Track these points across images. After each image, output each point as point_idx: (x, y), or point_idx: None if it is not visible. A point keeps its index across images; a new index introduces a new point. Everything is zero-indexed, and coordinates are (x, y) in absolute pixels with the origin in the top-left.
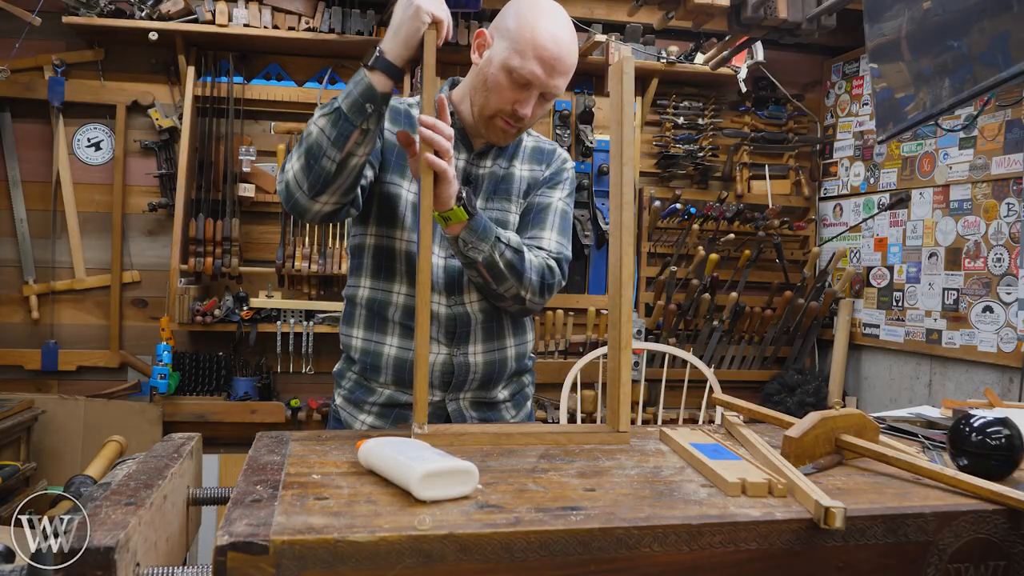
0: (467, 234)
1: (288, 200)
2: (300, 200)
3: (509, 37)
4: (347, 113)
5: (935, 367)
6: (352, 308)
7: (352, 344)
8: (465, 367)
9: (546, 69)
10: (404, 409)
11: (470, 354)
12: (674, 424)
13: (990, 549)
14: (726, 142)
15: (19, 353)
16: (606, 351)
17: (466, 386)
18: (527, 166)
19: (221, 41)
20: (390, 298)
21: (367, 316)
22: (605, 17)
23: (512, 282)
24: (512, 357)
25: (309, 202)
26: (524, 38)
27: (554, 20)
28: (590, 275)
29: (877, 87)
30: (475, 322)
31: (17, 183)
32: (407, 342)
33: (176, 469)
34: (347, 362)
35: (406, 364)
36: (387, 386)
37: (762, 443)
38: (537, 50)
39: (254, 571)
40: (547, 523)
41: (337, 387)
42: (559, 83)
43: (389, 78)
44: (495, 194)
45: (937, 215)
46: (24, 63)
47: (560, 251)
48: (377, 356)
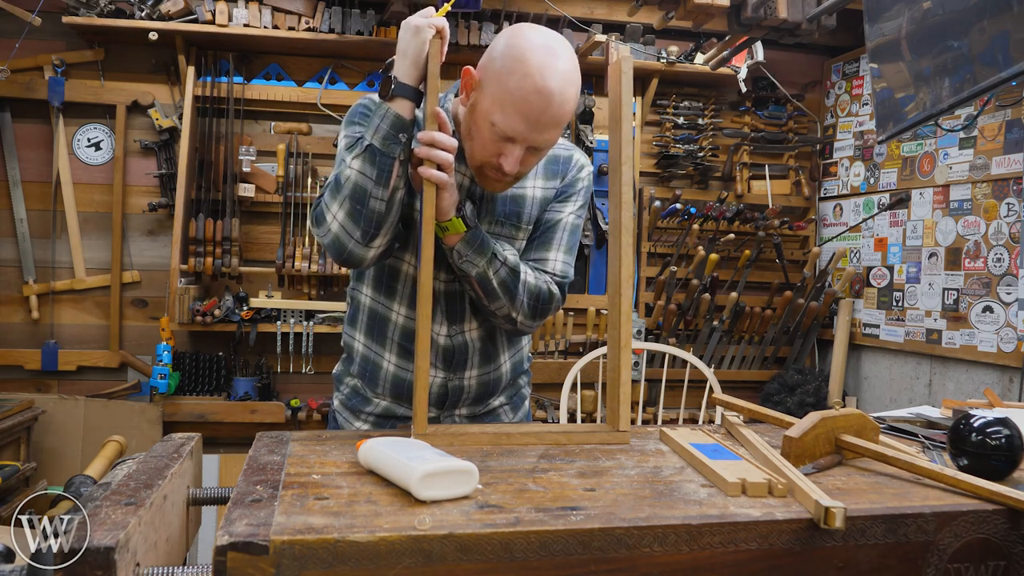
0: (463, 246)
1: (340, 253)
2: (355, 250)
3: (493, 82)
4: (381, 149)
5: (935, 367)
6: (355, 310)
7: (354, 346)
8: (459, 389)
9: (530, 125)
10: (401, 421)
11: (466, 378)
12: (674, 424)
13: (990, 549)
14: (726, 142)
15: (19, 353)
16: (606, 351)
17: (460, 404)
18: (540, 183)
19: (221, 41)
20: (389, 316)
21: (368, 324)
22: (605, 17)
23: (504, 301)
24: (507, 371)
25: (364, 249)
26: (507, 89)
27: (543, 65)
28: (590, 275)
29: (877, 87)
30: (473, 350)
31: (17, 183)
32: (405, 362)
33: (176, 469)
34: (347, 364)
35: (404, 383)
36: (384, 397)
37: (762, 443)
38: (519, 104)
39: (254, 571)
40: (547, 523)
41: (336, 390)
42: (548, 137)
43: (411, 102)
44: (505, 218)
45: (937, 215)
46: (24, 63)
47: (565, 272)
48: (376, 368)
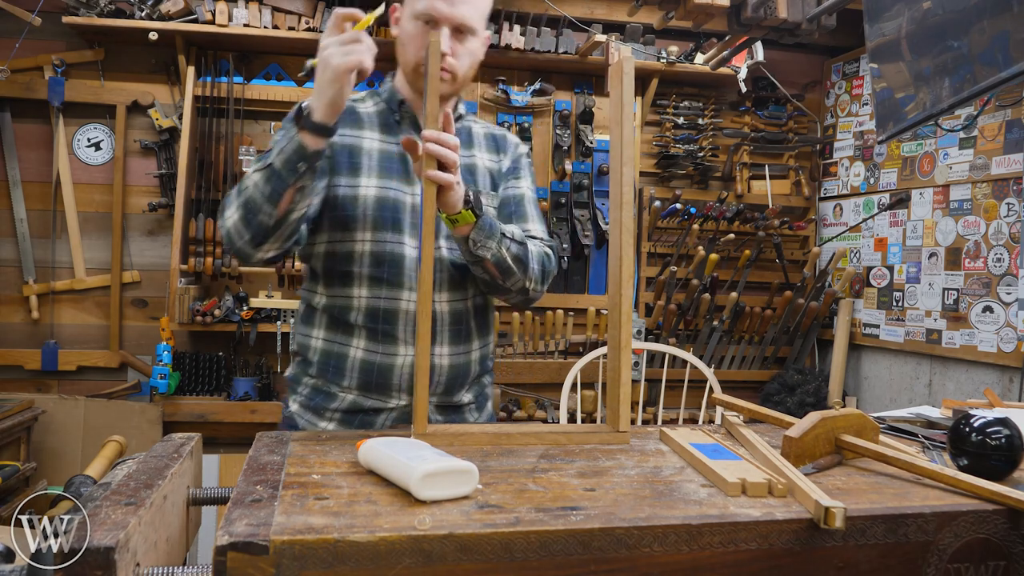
0: (476, 234)
1: (231, 247)
2: (243, 248)
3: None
4: (280, 171)
5: (935, 367)
6: (310, 309)
7: (311, 345)
8: (431, 369)
9: None
10: (368, 415)
11: (436, 355)
12: (674, 424)
13: (990, 549)
14: (726, 142)
15: (19, 353)
16: (606, 351)
17: (432, 388)
18: (486, 155)
19: (221, 41)
20: (350, 303)
21: (328, 320)
22: (605, 17)
23: (519, 275)
24: (476, 360)
25: (252, 250)
26: None
27: None
28: (590, 275)
29: (877, 87)
30: (442, 323)
31: (17, 183)
32: (374, 344)
33: (176, 469)
34: (302, 366)
35: (374, 366)
36: (350, 391)
37: (762, 443)
38: None
39: (254, 571)
40: (547, 523)
41: (292, 393)
42: (464, 11)
43: (320, 137)
44: None
45: (937, 215)
46: (24, 63)
47: (549, 239)
48: (341, 358)
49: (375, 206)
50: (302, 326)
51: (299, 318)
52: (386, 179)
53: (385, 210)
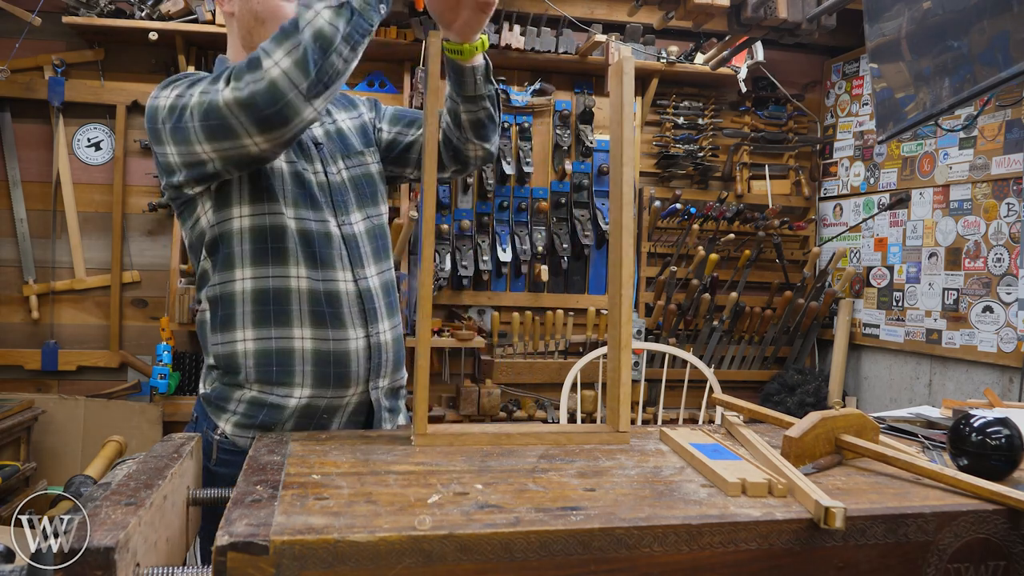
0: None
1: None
2: (294, 102)
3: None
4: (360, 11)
5: (935, 367)
6: (229, 309)
7: (238, 350)
8: (379, 348)
9: None
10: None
11: (381, 333)
12: (674, 424)
13: (990, 549)
14: (726, 142)
15: (19, 353)
16: (606, 351)
17: (382, 370)
18: (344, 115)
19: (221, 41)
20: (288, 284)
21: (258, 312)
22: (605, 17)
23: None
24: (401, 337)
25: (304, 104)
26: None
27: None
28: (590, 275)
29: (877, 87)
30: (378, 297)
31: (17, 183)
32: (323, 331)
33: (176, 469)
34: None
35: (329, 355)
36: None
37: (762, 443)
38: None
39: (254, 571)
40: (547, 523)
41: (220, 414)
42: None
43: None
44: (348, 151)
45: (937, 215)
46: (24, 63)
47: None
48: (285, 355)
49: (295, 181)
50: (221, 333)
51: (209, 327)
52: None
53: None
